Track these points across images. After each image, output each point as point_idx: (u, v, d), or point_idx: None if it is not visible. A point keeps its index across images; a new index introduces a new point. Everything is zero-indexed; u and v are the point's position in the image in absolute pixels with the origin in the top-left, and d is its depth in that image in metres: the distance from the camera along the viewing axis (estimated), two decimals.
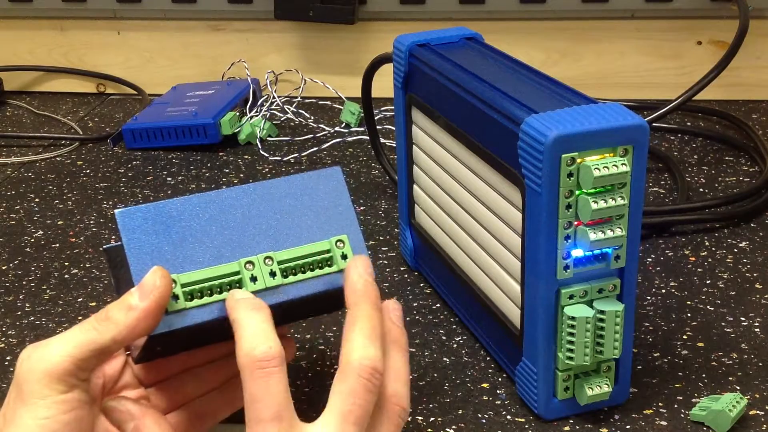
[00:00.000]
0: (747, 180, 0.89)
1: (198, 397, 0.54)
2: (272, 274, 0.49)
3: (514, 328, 0.58)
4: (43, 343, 0.46)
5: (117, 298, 0.50)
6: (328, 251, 0.51)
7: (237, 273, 0.49)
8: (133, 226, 0.48)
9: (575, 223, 0.52)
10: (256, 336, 0.45)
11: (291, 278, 0.50)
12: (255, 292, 0.48)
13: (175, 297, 0.47)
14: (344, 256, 0.51)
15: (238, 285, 0.48)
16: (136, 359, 0.52)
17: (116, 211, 0.48)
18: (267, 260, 0.49)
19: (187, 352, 0.54)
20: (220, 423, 0.55)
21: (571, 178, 0.51)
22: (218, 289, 0.48)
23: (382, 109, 1.06)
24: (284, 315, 0.52)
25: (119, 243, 0.49)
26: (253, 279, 0.49)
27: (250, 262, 0.49)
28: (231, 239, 0.49)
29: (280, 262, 0.49)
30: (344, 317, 0.48)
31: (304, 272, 0.50)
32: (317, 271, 0.50)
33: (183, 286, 0.47)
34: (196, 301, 0.48)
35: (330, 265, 0.51)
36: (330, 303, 0.54)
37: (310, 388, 0.61)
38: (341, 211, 0.52)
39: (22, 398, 0.44)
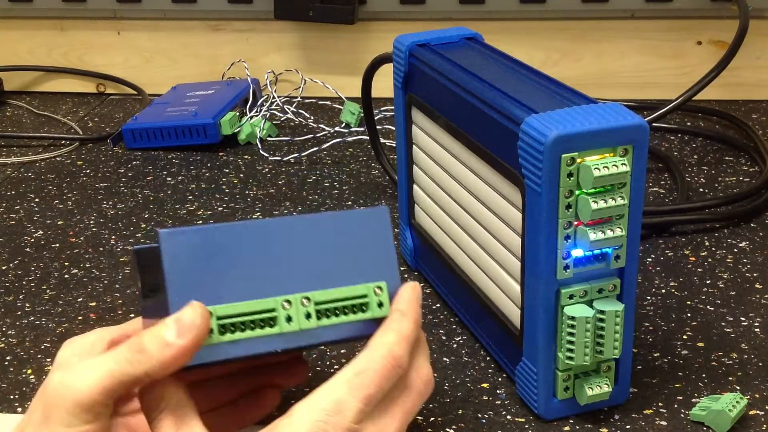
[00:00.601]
0: (747, 180, 0.89)
1: (207, 412, 0.53)
2: (308, 316, 0.48)
3: (514, 328, 0.58)
4: (76, 369, 0.45)
5: (140, 300, 0.49)
6: (365, 296, 0.49)
7: (273, 310, 0.47)
8: (176, 250, 0.46)
9: (575, 223, 0.52)
10: (408, 344, 0.47)
11: (325, 321, 0.48)
12: (287, 334, 0.47)
13: (209, 330, 0.46)
14: (380, 304, 0.49)
15: (271, 323, 0.47)
16: None
17: (160, 231, 0.46)
18: (304, 300, 0.48)
19: None
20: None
21: (571, 178, 0.51)
22: (251, 325, 0.47)
23: (382, 109, 1.06)
24: (308, 348, 0.51)
25: (150, 245, 0.47)
26: (288, 319, 0.47)
27: (287, 300, 0.47)
28: (271, 273, 0.48)
29: (317, 303, 0.48)
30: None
31: (338, 316, 0.49)
32: (351, 316, 0.49)
33: (219, 318, 0.46)
34: (229, 336, 0.46)
35: (364, 311, 0.49)
36: (354, 341, 0.52)
37: (309, 389, 0.61)
38: (383, 254, 0.50)
39: (47, 423, 0.44)
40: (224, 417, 0.54)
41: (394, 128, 1.00)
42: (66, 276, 0.76)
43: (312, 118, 1.06)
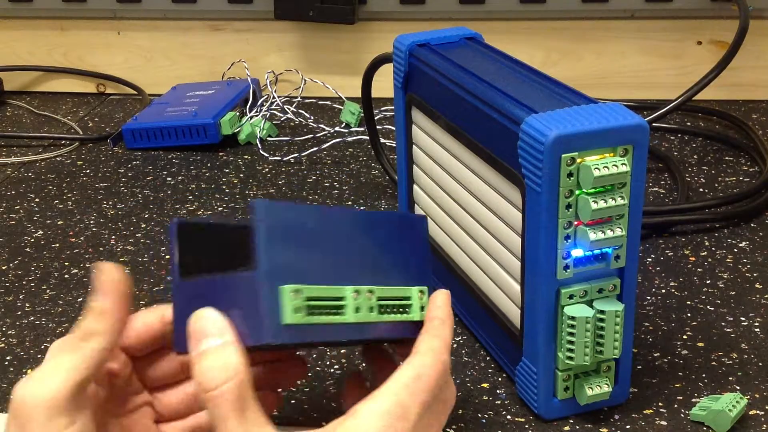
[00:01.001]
0: (747, 180, 0.89)
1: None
2: (371, 309, 0.47)
3: (514, 328, 0.58)
4: (35, 376, 0.43)
5: (176, 279, 0.48)
6: (410, 298, 0.50)
7: (342, 298, 0.46)
8: (271, 221, 0.44)
9: (575, 222, 0.52)
10: (449, 352, 0.48)
11: (382, 317, 0.48)
12: (352, 324, 0.47)
13: (297, 309, 0.44)
14: (422, 308, 0.50)
15: (341, 311, 0.46)
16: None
17: (256, 201, 0.44)
18: (369, 293, 0.47)
19: None
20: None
21: (571, 178, 0.51)
22: (325, 310, 0.45)
23: (382, 109, 1.06)
24: (360, 342, 0.51)
25: (196, 219, 0.47)
26: (356, 309, 0.47)
27: (357, 290, 0.47)
28: (343, 261, 0.47)
29: (378, 298, 0.48)
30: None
31: (389, 314, 0.49)
32: (398, 316, 0.49)
33: (307, 299, 0.44)
34: (311, 318, 0.45)
35: (407, 313, 0.49)
36: (393, 342, 0.53)
37: (309, 389, 0.61)
38: (423, 259, 0.51)
39: None
40: None
41: (394, 128, 1.00)
42: (66, 276, 0.76)
43: (312, 118, 1.06)
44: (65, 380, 0.43)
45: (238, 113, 1.02)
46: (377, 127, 0.88)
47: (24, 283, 0.75)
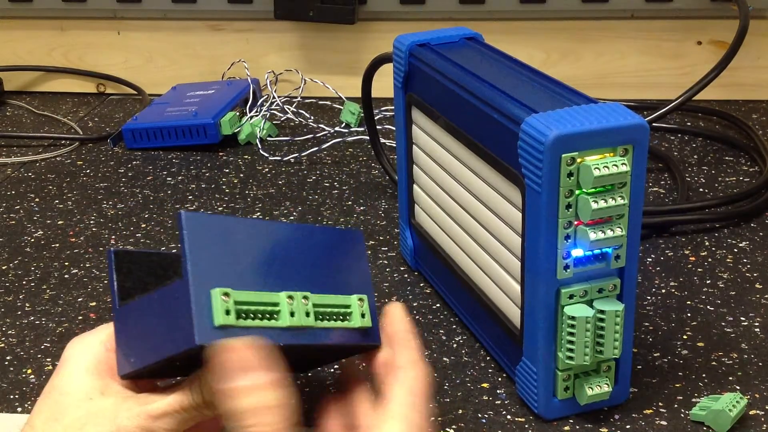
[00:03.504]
0: (747, 180, 0.89)
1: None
2: (307, 314, 0.49)
3: (514, 328, 0.58)
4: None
5: (113, 304, 0.49)
6: (349, 306, 0.51)
7: (277, 304, 0.48)
8: (197, 231, 0.46)
9: (575, 222, 0.52)
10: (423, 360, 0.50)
11: (320, 323, 0.50)
12: (290, 329, 0.48)
13: (228, 311, 0.46)
14: (363, 315, 0.52)
15: (276, 317, 0.48)
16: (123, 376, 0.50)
17: (181, 212, 0.46)
18: (304, 299, 0.49)
19: None
20: None
21: (571, 178, 0.51)
22: (259, 316, 0.47)
23: (382, 109, 1.06)
24: (299, 359, 0.52)
25: (131, 249, 0.49)
26: (291, 314, 0.48)
27: (291, 296, 0.49)
28: (274, 270, 0.49)
29: (314, 305, 0.50)
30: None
31: (329, 320, 0.50)
32: (338, 323, 0.51)
33: (236, 303, 0.46)
34: (242, 322, 0.47)
35: (348, 320, 0.51)
36: (334, 356, 0.56)
37: (309, 388, 0.61)
38: (361, 272, 0.53)
39: None
40: None
41: (394, 128, 1.00)
42: (66, 276, 0.76)
43: (312, 118, 1.06)
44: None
45: (238, 113, 1.02)
46: (377, 127, 0.88)
47: (24, 283, 0.75)
